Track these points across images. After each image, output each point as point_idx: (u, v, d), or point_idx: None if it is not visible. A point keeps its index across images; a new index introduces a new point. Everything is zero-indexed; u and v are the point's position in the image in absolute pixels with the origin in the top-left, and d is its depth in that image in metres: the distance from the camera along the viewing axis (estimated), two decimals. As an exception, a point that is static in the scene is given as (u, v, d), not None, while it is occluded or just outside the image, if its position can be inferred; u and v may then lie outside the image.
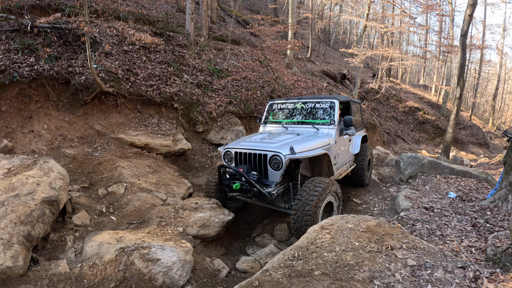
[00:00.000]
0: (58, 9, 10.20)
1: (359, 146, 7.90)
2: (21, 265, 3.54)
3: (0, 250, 3.52)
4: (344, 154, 7.01)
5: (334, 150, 6.26)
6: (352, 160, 7.84)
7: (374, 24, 22.85)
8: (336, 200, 5.33)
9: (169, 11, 16.44)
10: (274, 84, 12.71)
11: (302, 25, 30.05)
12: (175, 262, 3.87)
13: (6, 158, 5.44)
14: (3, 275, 3.40)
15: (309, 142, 5.56)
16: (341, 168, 6.89)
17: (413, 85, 39.66)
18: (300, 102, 7.06)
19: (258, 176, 5.20)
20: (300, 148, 5.12)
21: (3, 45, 7.49)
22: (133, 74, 8.86)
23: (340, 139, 6.59)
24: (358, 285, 2.70)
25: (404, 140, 21.23)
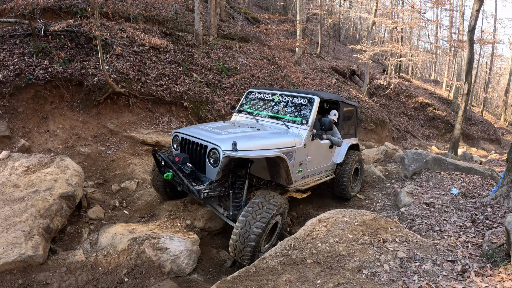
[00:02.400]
0: (69, 11, 10.51)
1: (344, 155, 6.91)
2: (41, 255, 3.83)
3: (22, 240, 3.83)
4: (318, 162, 6.17)
5: (302, 155, 5.48)
6: (332, 170, 6.93)
7: (382, 20, 22.81)
8: (281, 220, 4.70)
9: (178, 10, 16.66)
10: (282, 82, 12.88)
11: (311, 21, 30.05)
12: (182, 251, 4.20)
13: (24, 157, 5.76)
14: (24, 264, 3.69)
15: (265, 140, 4.87)
16: (311, 177, 6.11)
17: (424, 80, 39.38)
18: (278, 94, 6.39)
19: (192, 170, 4.50)
20: (248, 145, 4.43)
21: (17, 49, 7.79)
22: (144, 74, 9.12)
23: (314, 144, 5.79)
24: (347, 274, 2.94)
25: (414, 136, 21.20)
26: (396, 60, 22.37)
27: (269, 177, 5.44)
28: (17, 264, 3.64)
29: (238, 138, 4.53)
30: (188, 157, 4.76)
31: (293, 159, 5.24)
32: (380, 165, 10.13)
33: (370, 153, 11.57)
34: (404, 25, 24.70)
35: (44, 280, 3.67)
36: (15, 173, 5.30)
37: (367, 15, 24.74)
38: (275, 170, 5.19)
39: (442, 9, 32.99)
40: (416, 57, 23.69)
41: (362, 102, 17.58)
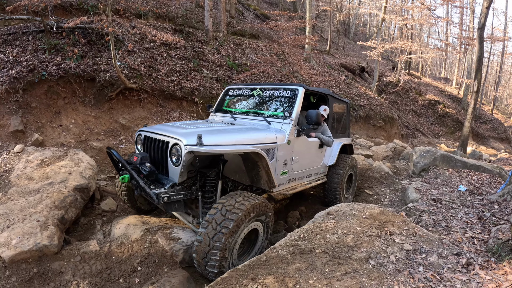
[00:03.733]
0: (80, 8, 10.65)
1: (336, 157, 6.29)
2: (56, 244, 3.95)
3: (38, 230, 3.96)
4: (307, 163, 5.51)
5: (286, 154, 4.82)
6: (324, 173, 6.31)
7: (392, 17, 22.73)
8: (263, 228, 4.02)
9: (188, 7, 16.77)
10: (291, 78, 12.94)
11: (321, 17, 30.00)
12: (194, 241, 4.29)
13: (39, 151, 5.91)
14: (40, 253, 3.82)
15: (239, 135, 4.22)
16: (298, 181, 5.41)
17: (434, 78, 39.16)
18: (258, 88, 5.70)
19: (151, 170, 3.87)
20: (217, 140, 3.81)
21: (30, 45, 7.92)
22: (155, 70, 9.23)
23: (300, 141, 5.12)
24: (354, 263, 3.02)
25: (423, 134, 21.14)
26: (405, 57, 22.28)
27: (249, 180, 4.71)
28: (32, 253, 3.76)
29: (205, 132, 3.92)
30: (149, 157, 4.18)
31: (275, 157, 4.58)
32: (389, 162, 10.18)
33: (379, 150, 11.62)
34: (414, 22, 24.60)
35: (58, 269, 3.80)
36: (30, 166, 5.44)
37: (376, 12, 24.69)
38: (254, 172, 4.46)
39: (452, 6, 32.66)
40: (426, 54, 23.57)
41: (371, 99, 17.58)
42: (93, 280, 3.76)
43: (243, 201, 3.62)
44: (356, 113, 15.13)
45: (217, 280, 2.99)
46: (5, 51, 7.59)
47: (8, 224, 4.04)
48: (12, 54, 7.46)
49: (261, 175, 4.39)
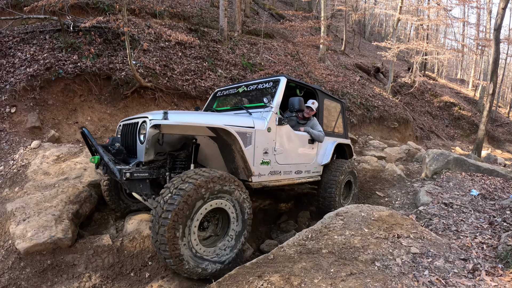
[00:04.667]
0: (96, 8, 10.82)
1: (330, 155, 5.99)
2: (70, 237, 4.07)
3: (53, 224, 4.09)
4: (295, 157, 5.26)
5: (266, 142, 4.58)
6: (317, 173, 5.96)
7: (408, 17, 22.52)
8: (234, 210, 3.78)
9: (203, 6, 16.87)
10: (306, 78, 12.94)
11: (336, 17, 29.86)
12: (204, 238, 4.37)
13: (55, 147, 6.07)
14: (54, 245, 3.94)
15: (211, 117, 4.04)
16: (285, 175, 5.09)
17: (450, 79, 38.64)
18: (243, 86, 5.67)
19: (119, 149, 3.90)
20: (184, 118, 3.67)
21: (47, 44, 8.08)
22: (170, 69, 9.32)
23: (284, 130, 4.92)
24: (360, 265, 3.06)
25: (438, 136, 20.91)
26: (421, 58, 22.06)
27: (227, 170, 4.45)
28: (47, 245, 3.89)
29: (174, 112, 3.78)
30: (123, 142, 4.25)
31: (253, 144, 4.35)
32: (402, 164, 10.13)
33: (392, 152, 11.57)
34: (430, 22, 24.32)
35: (72, 261, 3.92)
36: (46, 161, 5.59)
37: (392, 12, 24.46)
38: (230, 159, 4.27)
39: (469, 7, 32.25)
40: (442, 55, 23.30)
41: (386, 100, 17.45)
42: (105, 273, 3.87)
43: (195, 175, 3.36)
44: (370, 114, 15.05)
45: (225, 276, 3.07)
46: (23, 50, 7.76)
47: (24, 217, 4.18)
48: (29, 53, 7.63)
49: (237, 162, 4.21)
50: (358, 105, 14.58)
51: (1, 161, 5.71)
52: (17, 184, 5.08)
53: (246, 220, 3.92)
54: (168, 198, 3.19)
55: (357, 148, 11.83)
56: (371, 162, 9.19)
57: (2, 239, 4.06)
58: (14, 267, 3.74)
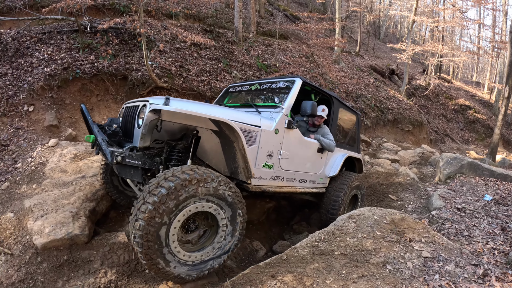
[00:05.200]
0: (112, 9, 10.99)
1: (338, 167, 5.64)
2: (87, 234, 4.18)
3: (70, 220, 4.20)
4: (301, 163, 4.94)
5: (272, 144, 4.32)
6: (323, 184, 5.62)
7: (423, 19, 22.32)
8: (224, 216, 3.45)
9: (218, 7, 16.94)
10: (320, 80, 12.94)
11: (351, 18, 29.71)
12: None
13: (72, 145, 6.19)
14: (71, 241, 4.05)
15: (216, 109, 3.87)
16: (287, 182, 4.77)
17: (465, 81, 38.14)
18: (256, 84, 5.46)
19: (115, 131, 3.79)
20: (186, 107, 3.38)
21: (65, 44, 8.25)
22: (185, 70, 9.41)
23: (292, 134, 4.61)
24: (371, 267, 3.10)
25: (453, 140, 20.68)
26: (436, 60, 21.84)
27: (227, 170, 4.19)
28: (64, 241, 3.99)
29: (179, 100, 3.71)
30: (122, 123, 4.06)
31: (257, 144, 4.11)
32: (416, 168, 10.09)
33: (406, 155, 11.51)
34: (445, 24, 24.03)
35: (88, 258, 4.02)
36: (64, 159, 5.70)
37: (407, 13, 24.29)
38: (231, 157, 3.95)
39: (485, 8, 31.78)
40: (457, 57, 23.04)
41: (400, 102, 17.32)
42: (120, 270, 3.95)
43: (181, 174, 3.05)
44: (384, 117, 14.97)
45: (239, 275, 3.12)
46: (40, 49, 7.93)
47: (42, 213, 4.29)
48: (47, 52, 7.79)
49: (238, 161, 3.89)
50: (372, 107, 14.52)
51: (19, 158, 5.83)
52: (35, 181, 5.19)
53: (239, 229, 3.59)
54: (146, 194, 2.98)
55: (371, 150, 11.80)
56: (384, 165, 9.17)
57: (20, 234, 4.17)
58: (31, 261, 3.86)
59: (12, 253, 3.99)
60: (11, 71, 7.29)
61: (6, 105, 6.67)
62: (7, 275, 3.74)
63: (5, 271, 3.79)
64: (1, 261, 3.93)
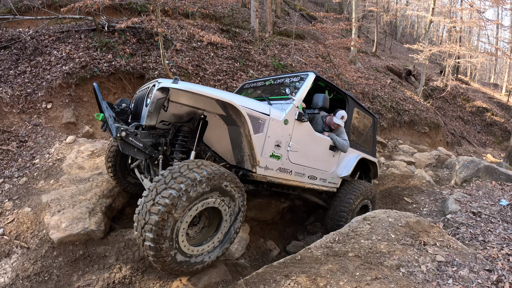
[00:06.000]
0: (129, 8, 11.10)
1: (351, 168, 5.43)
2: (102, 230, 4.26)
3: (86, 216, 4.28)
4: (311, 158, 4.78)
5: (281, 134, 4.21)
6: (334, 184, 5.41)
7: (440, 19, 22.05)
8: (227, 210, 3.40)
9: (234, 6, 16.97)
10: (336, 80, 12.89)
11: (367, 18, 29.53)
12: (233, 237, 4.45)
13: (89, 142, 6.28)
14: (87, 236, 4.13)
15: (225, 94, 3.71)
16: (295, 176, 4.61)
17: (483, 83, 37.50)
18: (270, 79, 5.44)
19: (123, 109, 3.88)
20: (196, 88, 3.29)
21: (82, 43, 8.37)
22: (202, 69, 9.46)
23: (302, 127, 4.49)
24: (385, 270, 3.09)
25: (469, 142, 20.40)
26: (454, 61, 21.56)
27: (234, 159, 4.07)
28: (80, 236, 4.08)
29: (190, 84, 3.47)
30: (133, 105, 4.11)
31: (264, 132, 4.01)
32: (431, 170, 9.99)
33: (422, 157, 11.40)
34: (462, 24, 23.71)
35: (103, 253, 4.09)
36: (81, 156, 5.79)
37: (424, 13, 24.00)
38: (238, 143, 3.82)
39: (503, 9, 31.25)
40: (475, 58, 22.70)
41: (417, 104, 17.15)
42: (135, 266, 4.00)
43: (189, 173, 2.99)
44: (401, 118, 14.84)
45: (252, 274, 3.14)
46: (59, 48, 8.06)
47: (59, 208, 4.38)
48: (65, 51, 7.92)
49: (244, 148, 3.75)
50: (389, 109, 14.40)
51: (37, 154, 5.92)
52: (52, 177, 5.27)
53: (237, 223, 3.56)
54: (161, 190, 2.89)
55: (387, 152, 11.72)
56: (400, 167, 9.10)
57: (37, 228, 4.26)
58: (47, 255, 3.95)
59: (28, 247, 4.09)
60: (29, 69, 7.41)
61: (25, 102, 6.78)
62: (23, 268, 3.83)
63: (21, 264, 3.88)
64: (17, 254, 4.02)
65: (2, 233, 4.32)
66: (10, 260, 3.95)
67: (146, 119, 3.40)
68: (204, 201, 3.10)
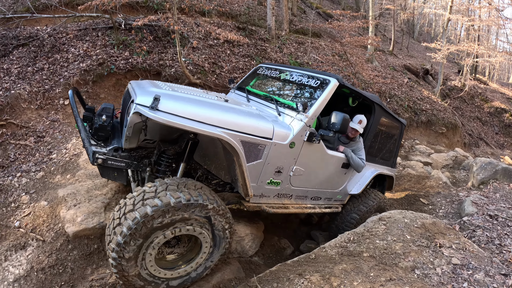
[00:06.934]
0: (147, 6, 11.18)
1: (364, 186, 4.83)
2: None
3: (102, 211, 4.38)
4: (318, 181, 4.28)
5: (284, 159, 3.63)
6: (340, 202, 4.90)
7: (458, 17, 21.71)
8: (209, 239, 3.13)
9: (250, 4, 16.95)
10: (353, 79, 12.78)
11: (384, 16, 29.22)
12: (247, 234, 4.48)
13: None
14: (102, 231, 4.16)
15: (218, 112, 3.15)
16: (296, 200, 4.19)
17: (502, 83, 36.80)
18: (286, 71, 4.64)
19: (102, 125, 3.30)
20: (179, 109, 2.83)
21: (100, 41, 8.47)
22: (218, 67, 9.47)
23: (312, 149, 3.87)
24: (399, 271, 3.07)
25: (487, 144, 20.05)
26: (472, 60, 21.21)
27: (228, 177, 3.69)
28: (95, 230, 4.14)
29: (172, 96, 3.07)
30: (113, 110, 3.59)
31: (263, 158, 3.44)
32: (448, 171, 9.87)
33: (439, 158, 11.26)
34: (481, 23, 23.27)
35: (118, 247, 4.14)
36: (98, 151, 5.86)
37: (442, 12, 23.66)
38: (232, 166, 3.31)
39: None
40: (493, 58, 22.29)
41: (434, 103, 16.94)
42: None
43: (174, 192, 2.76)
44: (418, 118, 14.67)
45: (266, 272, 3.15)
46: (76, 46, 8.16)
47: (75, 202, 4.43)
48: (82, 49, 8.02)
49: (237, 175, 3.26)
50: (406, 108, 14.25)
51: (54, 149, 5.99)
52: (69, 172, 5.33)
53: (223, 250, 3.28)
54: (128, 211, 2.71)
55: (403, 152, 11.60)
56: (416, 167, 9.01)
57: (53, 222, 4.33)
58: (62, 248, 4.02)
59: (44, 240, 4.16)
60: (47, 66, 7.52)
61: (42, 98, 6.87)
62: (38, 260, 3.90)
63: (36, 256, 3.95)
64: (33, 246, 4.09)
65: (19, 226, 4.40)
66: (26, 253, 4.02)
67: (125, 142, 3.08)
68: (176, 228, 2.85)
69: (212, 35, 8.99)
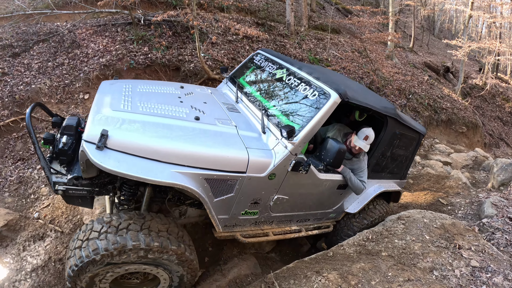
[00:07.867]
0: (165, 2, 11.26)
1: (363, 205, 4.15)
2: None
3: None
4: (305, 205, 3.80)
5: (261, 191, 3.18)
6: (333, 219, 4.40)
7: (479, 14, 21.27)
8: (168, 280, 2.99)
9: (269, 0, 16.95)
10: (373, 76, 12.66)
11: (404, 12, 28.84)
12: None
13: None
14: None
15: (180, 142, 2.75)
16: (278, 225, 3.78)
17: (524, 83, 36.10)
18: (285, 68, 4.00)
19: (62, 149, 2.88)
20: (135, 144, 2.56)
21: (119, 36, 8.57)
22: (237, 62, 9.44)
23: (299, 177, 3.31)
24: (418, 272, 3.06)
25: (508, 145, 19.64)
26: (493, 58, 20.78)
27: None
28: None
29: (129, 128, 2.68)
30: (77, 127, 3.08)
31: (235, 192, 3.01)
32: (468, 172, 9.72)
33: (459, 158, 11.10)
34: (503, 20, 22.72)
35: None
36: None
37: (463, 8, 23.22)
38: None
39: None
40: (516, 55, 21.82)
41: (455, 102, 16.67)
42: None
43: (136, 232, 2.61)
44: (438, 117, 14.45)
45: (283, 268, 3.18)
46: (96, 41, 8.29)
47: (94, 195, 4.53)
48: (102, 44, 8.14)
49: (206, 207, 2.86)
50: (426, 106, 14.06)
51: (74, 142, 6.13)
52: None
53: None
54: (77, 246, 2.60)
55: (422, 151, 11.46)
56: (436, 167, 8.91)
57: (71, 214, 4.45)
58: (79, 240, 4.11)
59: (62, 231, 4.27)
60: (67, 61, 7.66)
61: (63, 93, 7.01)
62: (56, 251, 4.01)
63: (55, 247, 4.06)
64: (51, 237, 4.20)
65: (38, 217, 4.51)
66: (44, 243, 4.13)
67: (83, 173, 2.76)
68: (134, 267, 2.72)
69: (231, 31, 9.01)
